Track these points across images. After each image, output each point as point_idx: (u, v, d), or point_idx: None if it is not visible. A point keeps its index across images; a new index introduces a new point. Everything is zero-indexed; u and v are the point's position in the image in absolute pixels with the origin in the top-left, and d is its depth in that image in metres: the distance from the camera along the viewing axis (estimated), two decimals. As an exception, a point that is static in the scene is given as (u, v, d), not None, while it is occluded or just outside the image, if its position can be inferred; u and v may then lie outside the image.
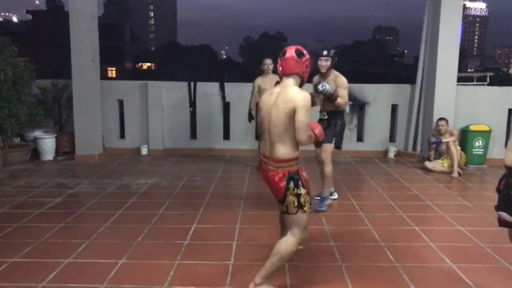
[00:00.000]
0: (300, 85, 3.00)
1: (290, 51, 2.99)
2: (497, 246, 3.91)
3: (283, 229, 3.09)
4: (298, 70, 2.97)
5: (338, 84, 4.81)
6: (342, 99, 4.82)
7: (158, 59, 72.55)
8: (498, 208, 2.60)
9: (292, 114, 2.78)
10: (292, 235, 2.91)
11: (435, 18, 7.21)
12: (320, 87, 4.63)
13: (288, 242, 2.90)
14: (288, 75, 2.97)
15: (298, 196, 2.88)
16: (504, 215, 2.55)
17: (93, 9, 7.37)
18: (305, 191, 2.90)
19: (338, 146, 5.04)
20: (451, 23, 7.09)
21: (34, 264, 3.46)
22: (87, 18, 7.16)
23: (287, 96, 2.82)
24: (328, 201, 4.92)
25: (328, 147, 4.92)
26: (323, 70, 4.85)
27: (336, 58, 4.89)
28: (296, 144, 2.85)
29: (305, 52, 3.03)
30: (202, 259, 3.55)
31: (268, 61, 6.59)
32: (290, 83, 2.94)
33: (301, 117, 2.76)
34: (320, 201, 4.90)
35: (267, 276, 2.94)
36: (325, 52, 4.84)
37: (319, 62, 4.83)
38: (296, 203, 2.88)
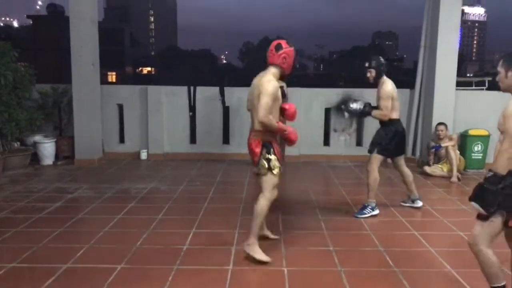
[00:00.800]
0: (283, 74, 3.69)
1: (272, 44, 3.66)
2: (496, 251, 3.89)
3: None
4: (275, 61, 3.60)
5: (379, 95, 4.70)
6: (381, 111, 4.68)
7: (158, 64, 72.69)
8: (470, 198, 2.62)
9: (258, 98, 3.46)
10: (263, 196, 3.61)
11: (434, 24, 7.23)
12: (345, 110, 4.78)
13: (260, 201, 3.60)
14: (270, 64, 3.62)
15: (268, 160, 3.58)
16: (474, 204, 2.58)
17: (93, 14, 7.40)
18: (275, 157, 3.59)
19: (384, 155, 4.84)
20: (450, 28, 7.12)
21: (33, 269, 3.46)
22: (87, 23, 7.18)
23: (260, 82, 3.53)
24: (366, 213, 4.81)
25: (371, 158, 4.83)
26: (370, 81, 4.78)
27: (382, 67, 4.73)
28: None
29: (284, 46, 3.62)
30: (201, 264, 3.54)
31: None
32: (269, 71, 3.61)
33: (262, 101, 3.43)
34: (360, 208, 4.89)
35: (255, 234, 3.61)
36: (366, 64, 4.77)
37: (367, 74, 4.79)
38: (266, 166, 3.57)
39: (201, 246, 3.92)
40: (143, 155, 7.92)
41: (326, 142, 8.11)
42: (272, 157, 3.57)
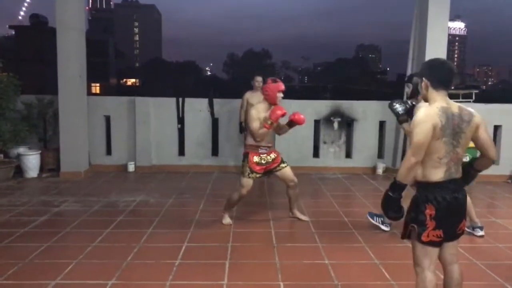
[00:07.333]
0: (271, 104, 4.54)
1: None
2: (491, 263, 3.91)
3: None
4: (263, 94, 4.61)
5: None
6: (408, 126, 4.30)
7: (142, 75, 72.36)
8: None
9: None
10: (237, 190, 4.74)
11: (422, 36, 7.31)
12: (391, 104, 4.54)
13: (234, 193, 4.79)
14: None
15: (242, 166, 4.68)
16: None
17: (81, 24, 7.30)
18: (247, 165, 4.61)
19: None
20: (438, 41, 7.18)
21: (19, 286, 3.32)
22: (74, 33, 7.08)
23: (247, 113, 5.04)
24: (374, 221, 4.79)
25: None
26: (408, 96, 4.64)
27: (419, 84, 4.53)
28: (253, 139, 4.60)
29: (268, 82, 4.55)
30: (194, 280, 3.45)
31: (259, 78, 6.91)
32: (260, 103, 4.66)
33: (250, 126, 4.59)
34: (376, 214, 4.87)
35: (227, 209, 4.88)
36: (406, 79, 4.65)
37: None
38: (242, 170, 4.70)
39: (194, 261, 3.82)
40: (130, 167, 7.78)
41: (316, 154, 8.09)
42: (245, 164, 4.63)
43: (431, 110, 2.44)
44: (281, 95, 4.52)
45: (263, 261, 3.86)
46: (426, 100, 2.61)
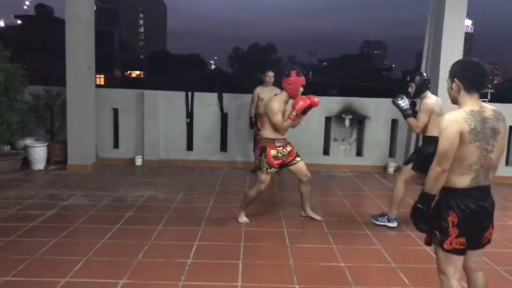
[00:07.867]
0: (291, 97, 4.50)
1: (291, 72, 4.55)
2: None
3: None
4: (284, 86, 4.52)
5: (420, 109, 4.56)
6: (415, 121, 4.53)
7: (147, 68, 72.13)
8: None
9: (267, 115, 4.51)
10: (254, 186, 4.64)
11: (438, 34, 7.15)
12: (394, 100, 4.71)
13: (251, 189, 4.71)
14: (283, 88, 4.55)
15: (260, 161, 4.59)
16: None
17: (90, 16, 7.19)
18: (265, 160, 4.50)
19: (418, 169, 4.52)
20: (454, 38, 7.02)
21: (29, 283, 3.23)
22: (83, 24, 6.97)
23: (266, 105, 4.58)
24: (379, 222, 4.75)
25: (402, 169, 4.81)
26: (411, 96, 4.65)
27: (421, 84, 4.54)
28: (272, 132, 4.52)
29: (292, 75, 4.47)
30: (207, 280, 3.36)
31: (271, 74, 6.86)
32: (279, 94, 4.64)
33: (272, 120, 4.46)
34: (379, 214, 4.84)
35: (243, 206, 4.76)
36: (407, 78, 4.72)
37: None
38: (259, 165, 4.62)
39: (207, 260, 3.73)
40: (138, 161, 7.69)
41: (326, 151, 7.97)
42: (264, 159, 4.52)
43: (456, 115, 2.32)
44: (301, 89, 4.54)
45: (277, 262, 3.77)
46: (455, 102, 2.48)
